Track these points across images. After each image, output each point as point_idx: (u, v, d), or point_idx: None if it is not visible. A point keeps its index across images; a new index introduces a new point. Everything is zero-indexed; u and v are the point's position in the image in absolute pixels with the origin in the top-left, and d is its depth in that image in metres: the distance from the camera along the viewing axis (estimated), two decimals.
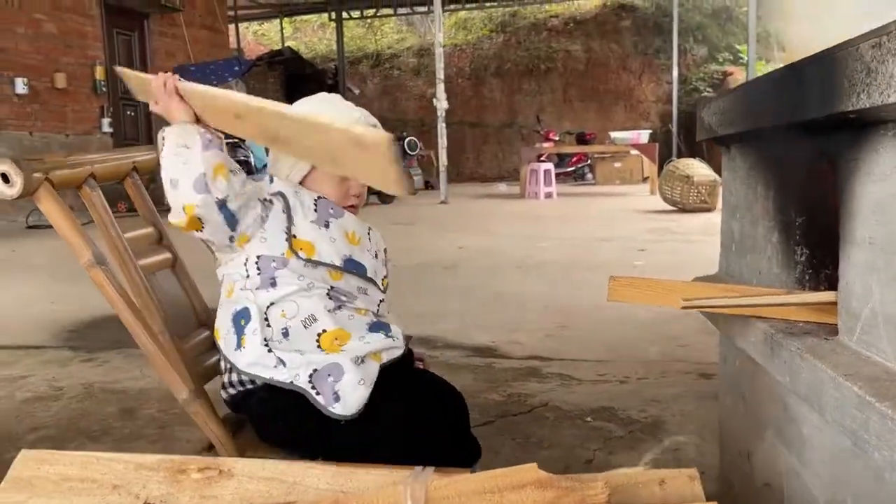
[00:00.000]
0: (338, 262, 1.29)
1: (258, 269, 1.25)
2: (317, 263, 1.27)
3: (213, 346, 1.42)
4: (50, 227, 1.24)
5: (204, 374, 1.34)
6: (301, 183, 1.34)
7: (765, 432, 1.40)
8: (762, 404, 1.41)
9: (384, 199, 11.09)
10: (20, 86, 8.97)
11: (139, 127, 11.07)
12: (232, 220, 1.21)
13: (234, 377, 1.27)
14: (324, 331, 1.24)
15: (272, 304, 1.24)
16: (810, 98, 1.07)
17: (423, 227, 7.71)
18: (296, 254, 1.25)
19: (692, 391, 2.38)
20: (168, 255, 1.42)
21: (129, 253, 1.28)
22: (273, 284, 1.25)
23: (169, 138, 1.21)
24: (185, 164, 1.18)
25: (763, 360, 1.26)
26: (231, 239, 1.23)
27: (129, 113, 10.94)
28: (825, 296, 1.10)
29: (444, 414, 1.35)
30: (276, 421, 1.24)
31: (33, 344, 3.19)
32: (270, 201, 1.27)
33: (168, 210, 1.20)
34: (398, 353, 1.30)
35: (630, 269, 4.74)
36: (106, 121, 10.26)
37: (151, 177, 1.52)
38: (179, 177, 1.18)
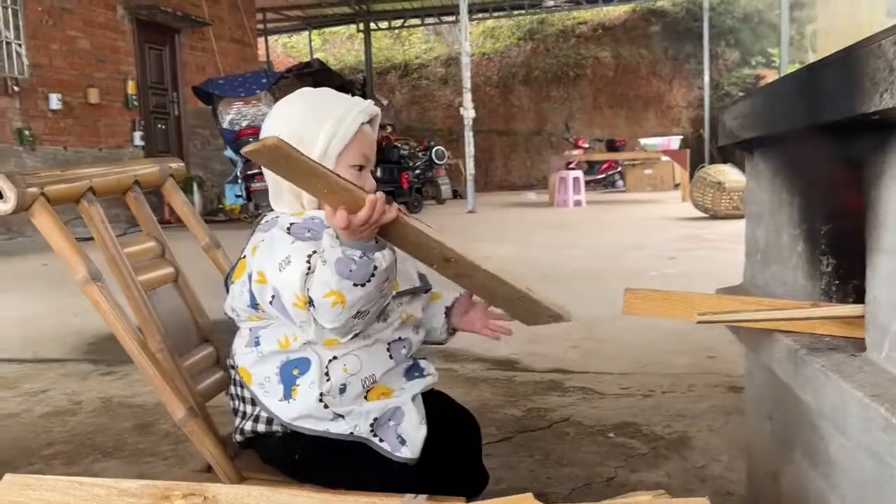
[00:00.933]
0: (418, 283, 1.26)
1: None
2: (403, 294, 1.22)
3: (215, 363, 1.40)
4: (83, 240, 1.22)
5: (205, 392, 1.31)
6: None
7: (792, 452, 1.32)
8: (789, 422, 1.34)
9: (411, 208, 11.09)
10: (54, 101, 9.16)
11: (170, 140, 11.24)
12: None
13: (260, 426, 1.19)
14: (372, 389, 1.19)
15: (335, 357, 1.16)
16: (831, 99, 1.01)
17: (450, 237, 7.57)
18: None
19: (720, 406, 2.29)
20: (170, 269, 1.39)
21: (129, 268, 1.26)
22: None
23: (381, 267, 1.06)
24: (381, 298, 1.11)
25: (787, 377, 1.19)
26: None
27: (160, 126, 11.11)
28: (849, 309, 1.03)
29: (460, 442, 1.32)
30: (295, 455, 1.18)
31: (55, 357, 3.21)
32: None
33: (166, 222, 1.16)
34: (432, 384, 1.27)
35: (660, 277, 4.64)
36: (137, 134, 10.43)
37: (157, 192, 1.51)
38: (371, 309, 1.09)
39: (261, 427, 1.19)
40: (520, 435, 2.12)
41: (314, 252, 1.08)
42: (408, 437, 1.16)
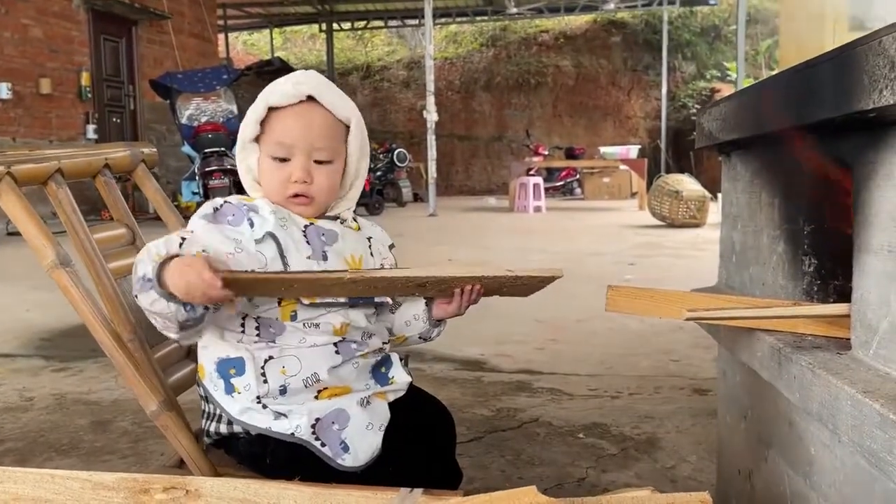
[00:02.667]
0: (344, 299, 1.13)
1: (257, 331, 1.09)
2: (323, 306, 1.11)
3: (187, 355, 1.34)
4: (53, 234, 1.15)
5: (177, 385, 1.25)
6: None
7: (768, 451, 1.33)
8: (765, 421, 1.35)
9: (371, 210, 11.02)
10: (4, 91, 8.85)
11: (125, 134, 10.96)
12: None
13: (222, 427, 1.12)
14: (325, 388, 1.10)
15: (271, 357, 1.08)
16: (824, 98, 1.01)
17: (412, 240, 7.64)
18: (299, 301, 1.08)
19: (687, 407, 2.31)
20: None
21: (99, 255, 1.20)
22: (273, 341, 1.09)
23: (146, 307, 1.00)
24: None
25: (769, 375, 1.19)
26: None
27: (114, 120, 10.83)
28: (840, 308, 1.03)
29: (433, 441, 1.26)
30: (266, 459, 1.11)
31: (5, 352, 3.08)
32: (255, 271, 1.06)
33: (142, 215, 1.11)
34: (402, 392, 1.19)
35: (621, 283, 4.68)
36: (91, 127, 10.14)
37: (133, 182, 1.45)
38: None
39: (223, 428, 1.12)
40: (490, 435, 2.10)
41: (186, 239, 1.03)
42: (351, 444, 1.08)
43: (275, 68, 16.42)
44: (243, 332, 1.09)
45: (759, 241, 1.42)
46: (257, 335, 1.09)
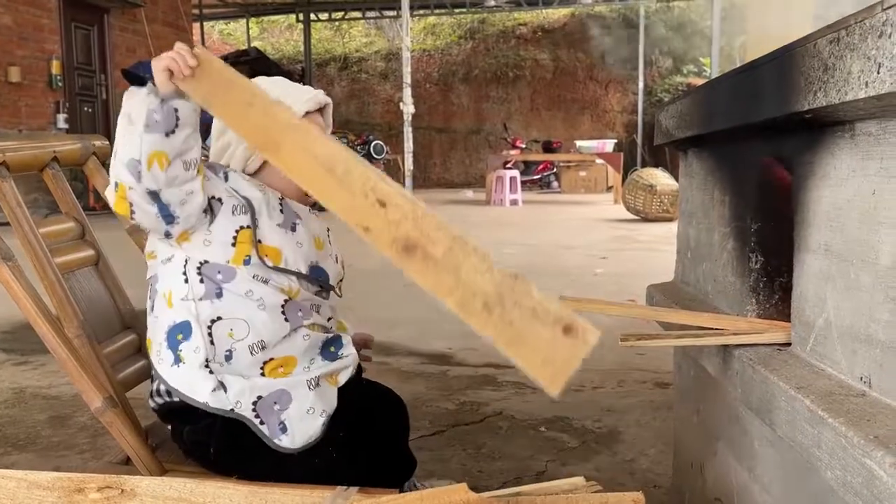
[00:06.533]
0: (304, 270, 1.18)
1: (200, 277, 1.11)
2: (283, 271, 1.14)
3: (138, 351, 1.34)
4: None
5: (126, 381, 1.24)
6: (255, 174, 1.22)
7: (717, 445, 1.35)
8: (715, 416, 1.37)
9: None
10: None
11: (97, 123, 10.80)
12: (167, 215, 1.05)
13: (163, 387, 1.15)
14: (270, 359, 1.13)
15: (219, 318, 1.11)
16: (766, 98, 1.03)
17: None
18: (262, 261, 1.12)
19: (648, 401, 2.34)
20: (91, 252, 1.32)
21: (44, 249, 1.19)
22: (219, 296, 1.11)
23: (124, 103, 1.10)
24: (124, 138, 1.04)
25: (715, 371, 1.21)
26: (167, 234, 1.09)
27: (86, 109, 10.66)
28: (776, 335, 1.06)
29: (387, 432, 1.29)
30: (210, 448, 1.13)
31: None
32: (220, 200, 1.12)
33: (90, 209, 1.11)
34: (352, 372, 1.22)
35: (591, 276, 4.72)
36: (62, 116, 9.97)
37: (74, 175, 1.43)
38: (119, 148, 1.05)
39: (158, 400, 1.16)
40: (452, 429, 2.11)
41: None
42: (290, 425, 1.11)
43: (251, 58, 16.27)
44: (187, 281, 1.11)
45: (711, 238, 1.43)
46: (200, 282, 1.11)
